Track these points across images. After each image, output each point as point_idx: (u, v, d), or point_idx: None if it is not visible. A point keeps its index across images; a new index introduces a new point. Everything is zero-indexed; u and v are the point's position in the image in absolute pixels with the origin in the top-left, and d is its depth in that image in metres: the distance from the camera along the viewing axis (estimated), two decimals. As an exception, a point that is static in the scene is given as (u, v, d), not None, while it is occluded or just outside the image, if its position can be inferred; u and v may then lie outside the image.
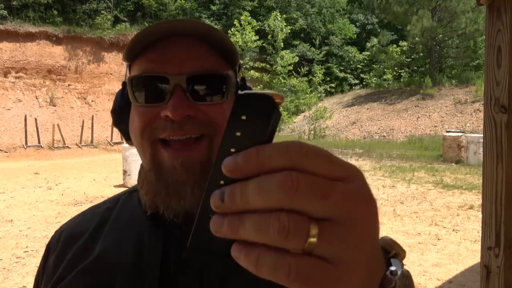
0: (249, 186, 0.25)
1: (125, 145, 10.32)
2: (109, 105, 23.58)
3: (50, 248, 0.67)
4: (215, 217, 0.26)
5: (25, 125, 17.57)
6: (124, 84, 0.63)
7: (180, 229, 0.59)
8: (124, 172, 9.38)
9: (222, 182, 0.27)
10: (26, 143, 17.32)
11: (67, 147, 17.73)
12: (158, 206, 0.58)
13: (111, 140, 19.40)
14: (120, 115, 0.64)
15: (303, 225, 0.24)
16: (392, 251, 0.36)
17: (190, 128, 0.55)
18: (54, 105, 21.05)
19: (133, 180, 9.34)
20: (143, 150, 0.59)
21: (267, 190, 0.24)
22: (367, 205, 0.27)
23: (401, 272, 0.32)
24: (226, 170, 0.25)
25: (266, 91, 0.27)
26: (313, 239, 0.24)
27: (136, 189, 0.67)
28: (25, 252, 4.99)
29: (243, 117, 0.27)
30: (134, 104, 0.59)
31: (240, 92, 0.27)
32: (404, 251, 0.36)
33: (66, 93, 22.02)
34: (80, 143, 18.39)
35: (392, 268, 0.32)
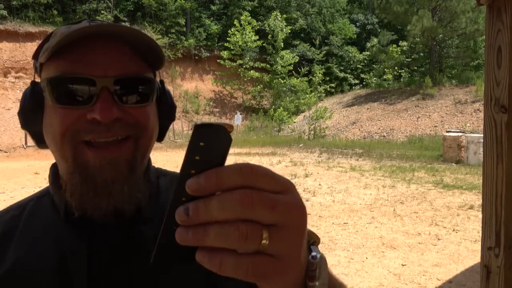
0: (212, 202, 0.30)
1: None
2: (109, 105, 23.58)
3: None
4: (180, 229, 0.31)
5: (25, 125, 17.59)
6: (33, 83, 0.60)
7: (111, 227, 0.59)
8: (124, 172, 9.37)
9: (184, 199, 0.32)
10: (26, 143, 17.32)
11: (67, 147, 17.77)
12: (86, 207, 0.57)
13: (111, 140, 19.43)
14: (30, 116, 0.60)
15: (257, 231, 0.31)
16: (311, 240, 0.42)
17: (117, 130, 0.55)
18: (54, 105, 21.11)
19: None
20: (62, 152, 0.57)
21: (228, 205, 0.30)
22: (302, 212, 0.34)
23: (320, 256, 0.39)
24: (190, 189, 0.30)
25: (219, 121, 0.32)
26: (265, 241, 0.31)
27: (46, 194, 0.65)
28: (25, 252, 4.99)
29: (201, 144, 0.32)
30: (54, 106, 0.56)
31: (197, 122, 0.31)
32: (318, 238, 0.43)
33: (66, 93, 22.08)
34: (80, 143, 18.43)
35: (313, 253, 0.39)
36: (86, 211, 0.57)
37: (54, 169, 0.64)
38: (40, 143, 0.63)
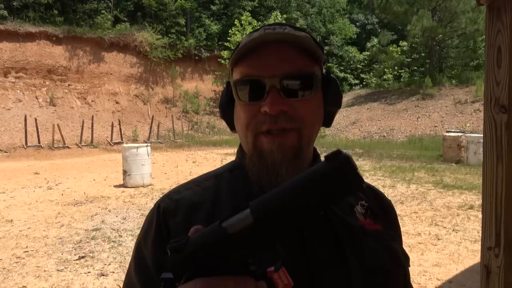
0: None
1: (125, 145, 10.30)
2: (109, 105, 23.58)
3: (166, 213, 0.73)
4: None
5: (25, 125, 17.57)
6: (228, 83, 0.77)
7: None
8: (124, 172, 9.37)
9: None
10: (26, 143, 17.32)
11: (67, 147, 17.73)
12: (262, 182, 0.69)
13: (111, 140, 19.39)
14: (226, 109, 0.76)
15: None
16: None
17: (282, 121, 0.66)
18: (54, 105, 21.04)
19: (133, 180, 9.32)
20: (246, 139, 0.71)
21: None
22: None
23: None
24: None
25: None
26: None
27: (235, 168, 0.79)
28: (25, 252, 4.99)
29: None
30: (239, 102, 0.71)
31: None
32: None
33: (66, 93, 22.02)
34: (80, 143, 18.39)
35: None
36: (262, 186, 0.69)
37: (242, 150, 0.78)
38: (232, 129, 0.77)
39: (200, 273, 0.41)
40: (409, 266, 0.82)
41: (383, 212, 0.80)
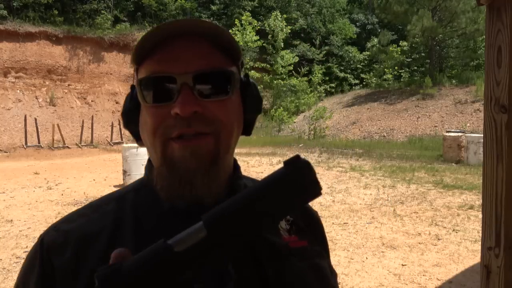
0: None
1: (125, 145, 10.31)
2: (109, 105, 23.58)
3: (51, 249, 0.61)
4: None
5: (25, 125, 17.57)
6: (132, 87, 0.65)
7: (195, 218, 0.61)
8: (124, 172, 9.37)
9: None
10: (26, 143, 17.32)
11: (67, 147, 17.73)
12: (172, 196, 0.60)
13: (111, 140, 19.39)
14: (130, 117, 0.65)
15: None
16: None
17: (197, 124, 0.57)
18: (54, 105, 21.04)
19: (133, 180, 9.29)
20: (154, 147, 0.60)
21: None
22: None
23: None
24: None
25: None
26: None
27: (142, 187, 0.68)
28: (25, 252, 4.99)
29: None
30: (145, 105, 0.60)
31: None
32: None
33: (66, 93, 22.01)
34: (80, 143, 18.39)
35: None
36: (173, 201, 0.61)
37: (150, 164, 0.67)
38: (139, 140, 0.67)
39: None
40: (337, 282, 0.75)
41: (308, 226, 0.72)
